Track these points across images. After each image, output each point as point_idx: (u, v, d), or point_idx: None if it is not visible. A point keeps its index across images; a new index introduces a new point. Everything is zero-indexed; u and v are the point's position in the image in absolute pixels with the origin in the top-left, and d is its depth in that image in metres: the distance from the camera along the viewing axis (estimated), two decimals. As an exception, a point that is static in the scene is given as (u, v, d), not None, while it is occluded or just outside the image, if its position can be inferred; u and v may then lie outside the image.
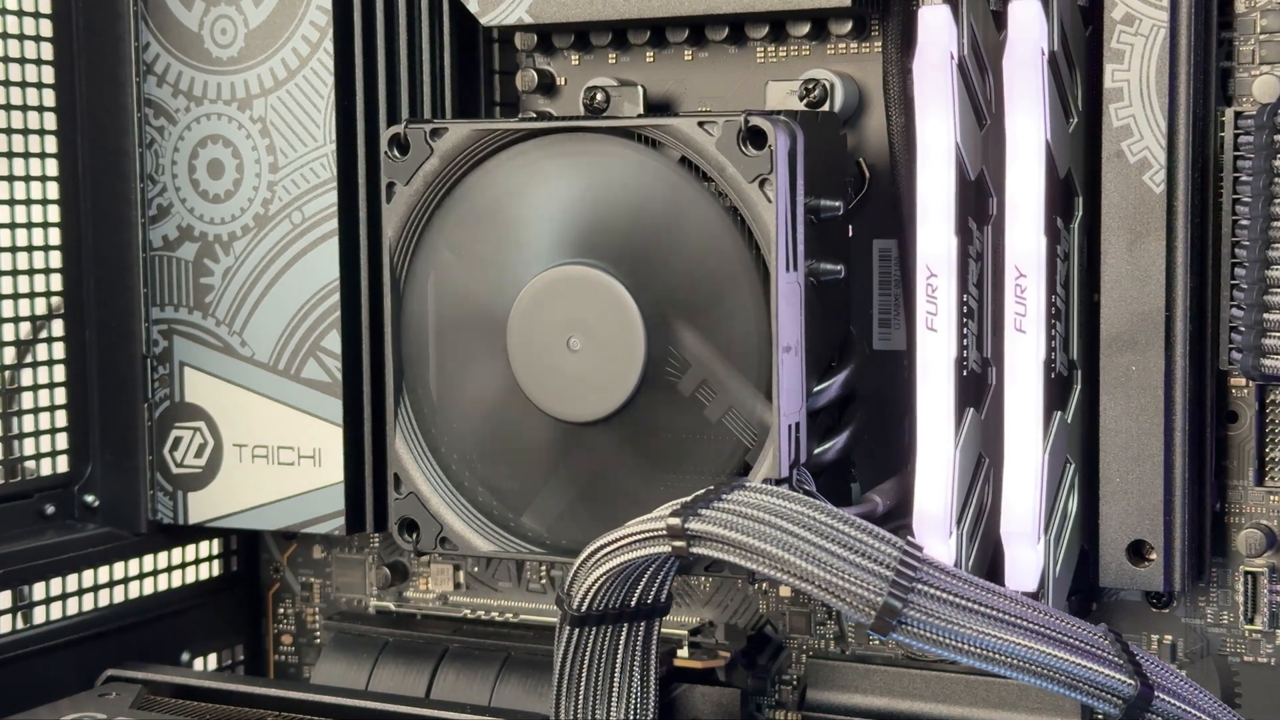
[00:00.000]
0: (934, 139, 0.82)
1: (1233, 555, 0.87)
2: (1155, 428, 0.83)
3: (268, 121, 0.98)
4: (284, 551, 1.11)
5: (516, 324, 0.86)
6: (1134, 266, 0.83)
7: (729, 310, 0.82)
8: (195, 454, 1.01)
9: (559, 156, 0.85)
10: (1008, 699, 0.90)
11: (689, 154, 0.82)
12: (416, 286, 0.89)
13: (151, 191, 1.01)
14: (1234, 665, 0.88)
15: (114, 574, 1.02)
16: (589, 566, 0.77)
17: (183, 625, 1.07)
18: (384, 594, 1.08)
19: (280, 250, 0.98)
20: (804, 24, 0.92)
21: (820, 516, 0.73)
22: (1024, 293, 0.81)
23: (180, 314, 1.01)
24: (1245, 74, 0.85)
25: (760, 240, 0.80)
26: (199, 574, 1.08)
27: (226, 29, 0.98)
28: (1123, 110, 0.83)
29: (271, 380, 0.99)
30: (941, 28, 0.81)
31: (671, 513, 0.74)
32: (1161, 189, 0.82)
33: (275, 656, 1.12)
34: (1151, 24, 0.82)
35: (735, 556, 0.72)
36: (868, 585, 0.70)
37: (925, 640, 0.70)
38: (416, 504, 0.89)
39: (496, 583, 1.05)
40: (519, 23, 0.94)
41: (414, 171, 0.87)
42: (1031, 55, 0.80)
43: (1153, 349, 0.83)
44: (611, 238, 0.84)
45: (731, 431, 0.83)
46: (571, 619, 0.79)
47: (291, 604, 1.11)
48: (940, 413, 0.83)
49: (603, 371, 0.84)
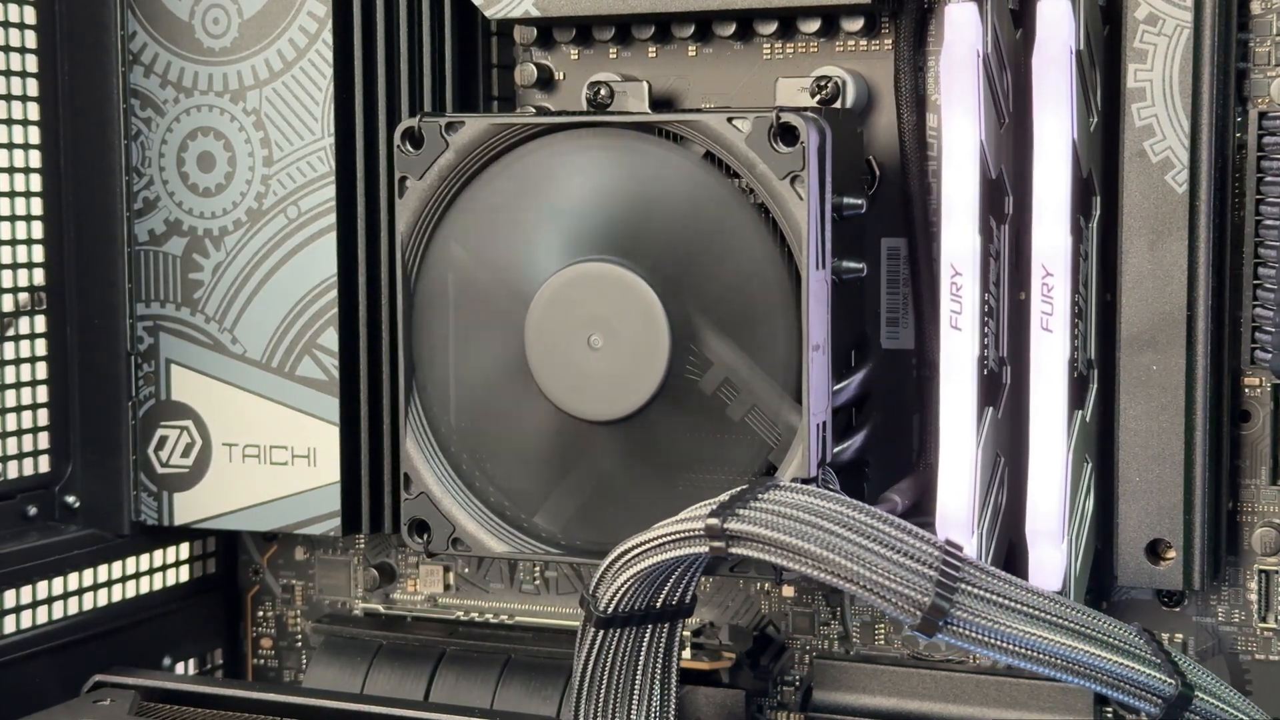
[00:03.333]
0: (960, 138, 0.81)
1: (1244, 554, 0.88)
2: (1176, 427, 0.83)
3: (262, 114, 0.96)
4: (264, 553, 1.09)
5: (535, 321, 0.84)
6: (1156, 266, 0.83)
7: (754, 308, 0.82)
8: (182, 453, 0.99)
9: (578, 152, 0.84)
10: (1018, 698, 0.90)
11: (716, 150, 0.81)
12: (428, 283, 0.87)
13: (137, 184, 0.98)
14: (1245, 663, 0.88)
15: (97, 577, 0.99)
16: (619, 567, 0.76)
17: (161, 629, 1.04)
18: (370, 596, 1.06)
19: (275, 245, 0.96)
20: (815, 21, 0.91)
21: (861, 516, 0.72)
22: (1050, 291, 0.81)
23: (167, 310, 0.98)
24: (1261, 75, 0.85)
25: (790, 238, 0.80)
26: (178, 577, 1.05)
27: (219, 19, 0.96)
28: (1145, 110, 0.83)
29: (264, 378, 0.97)
30: (969, 25, 0.81)
31: (710, 513, 0.73)
32: (1184, 189, 0.82)
33: (254, 660, 1.10)
34: (1175, 24, 0.82)
35: (777, 557, 0.71)
36: (914, 585, 0.69)
37: (971, 640, 0.70)
38: (428, 504, 0.87)
39: (488, 584, 1.03)
40: (525, 16, 0.92)
41: (428, 166, 0.85)
42: (1061, 54, 0.80)
43: (1174, 348, 0.83)
44: (633, 234, 0.83)
45: (754, 431, 0.82)
46: (598, 620, 0.77)
47: (272, 607, 1.09)
48: (964, 412, 0.82)
49: (625, 370, 0.83)
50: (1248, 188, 0.83)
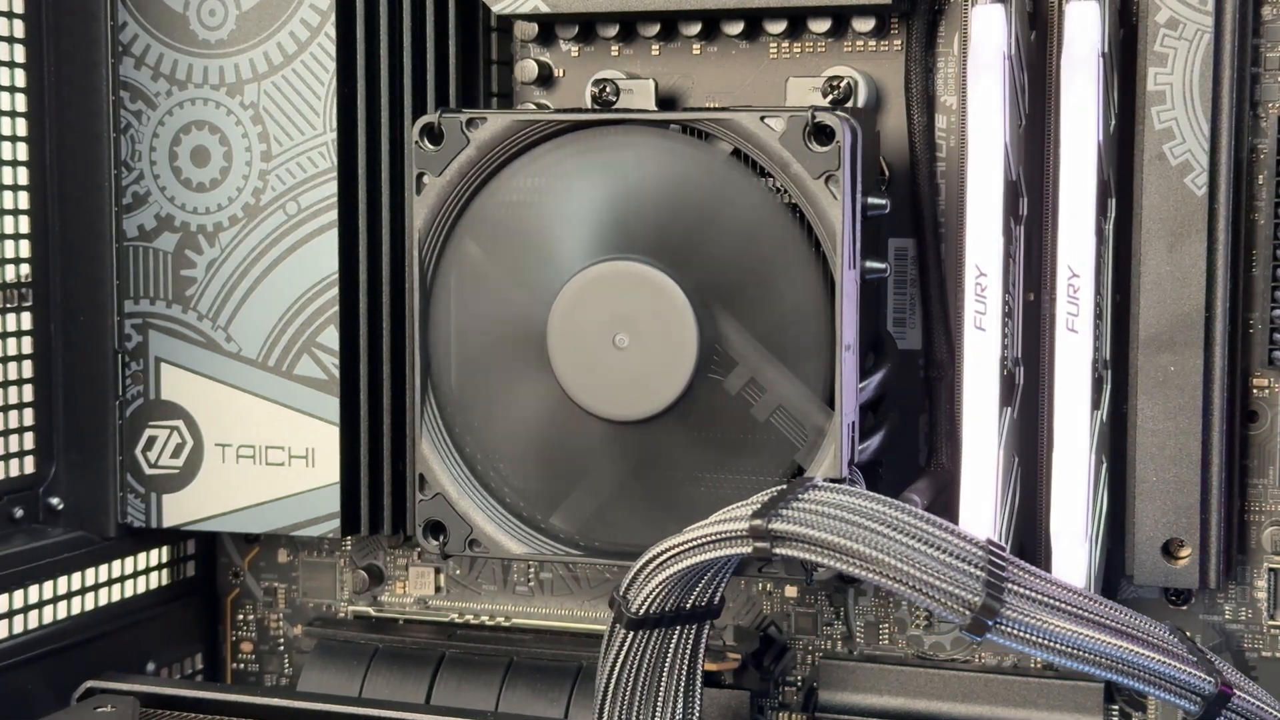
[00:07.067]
0: (986, 139, 0.81)
1: (1251, 552, 0.89)
2: (1193, 427, 0.84)
3: (260, 108, 0.94)
4: (246, 556, 1.07)
5: (558, 321, 0.83)
6: (1174, 268, 0.84)
7: (782, 308, 0.81)
8: (172, 454, 0.97)
9: (601, 149, 0.83)
10: (1027, 696, 0.91)
11: (747, 149, 0.80)
12: (445, 281, 0.86)
13: (126, 179, 0.96)
14: (1252, 660, 0.90)
15: (85, 580, 0.97)
16: (653, 569, 0.75)
17: (141, 634, 1.02)
18: (357, 598, 1.04)
19: (273, 242, 0.94)
20: (825, 20, 0.91)
21: (904, 516, 0.72)
22: (1077, 293, 0.81)
23: (157, 307, 0.96)
24: (1272, 80, 0.86)
25: (822, 237, 0.79)
26: (160, 580, 1.03)
27: (215, 10, 0.94)
28: (1165, 113, 0.84)
29: (260, 377, 0.95)
30: (995, 27, 0.81)
31: (753, 513, 0.73)
32: (1203, 191, 0.83)
33: (233, 665, 1.08)
34: (1196, 28, 0.83)
35: (823, 557, 0.71)
36: (964, 585, 0.69)
37: (1020, 640, 0.70)
38: (444, 505, 0.86)
39: (480, 586, 1.02)
40: (533, 12, 0.91)
41: (448, 162, 0.84)
42: (1089, 57, 0.80)
43: (1191, 349, 0.84)
44: (658, 232, 0.82)
45: (780, 431, 0.82)
46: (629, 621, 0.77)
47: (253, 610, 1.07)
48: (987, 412, 0.83)
49: (650, 370, 0.82)
50: (1268, 190, 0.84)
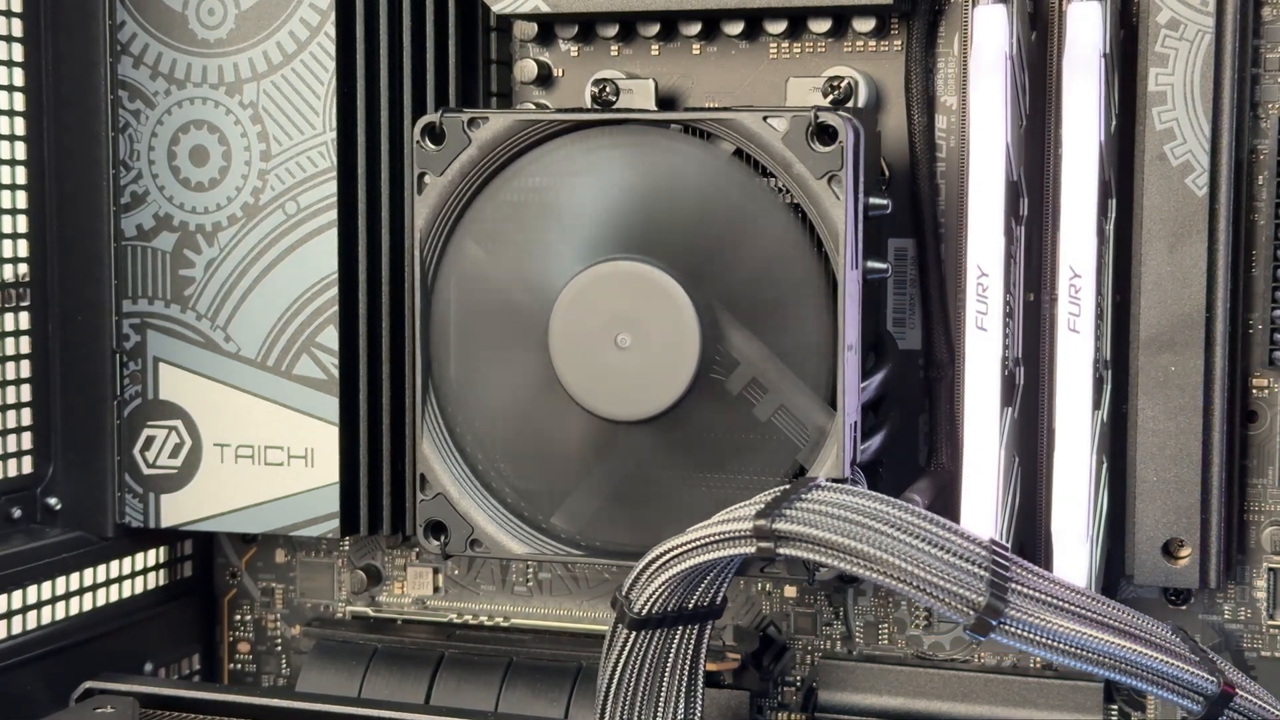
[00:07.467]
0: (988, 139, 0.82)
1: (1251, 552, 0.89)
2: (1193, 427, 0.84)
3: (260, 107, 0.94)
4: (243, 555, 1.07)
5: (560, 320, 0.83)
6: (1175, 268, 0.84)
7: (784, 308, 0.81)
8: (170, 454, 0.96)
9: (604, 149, 0.83)
10: (1027, 696, 0.91)
11: (750, 149, 0.80)
12: (446, 281, 0.86)
13: (125, 178, 0.96)
14: (1251, 660, 0.90)
15: (83, 581, 0.96)
16: (656, 569, 0.75)
17: (138, 635, 1.01)
18: (355, 599, 1.04)
19: (272, 242, 0.94)
20: (826, 20, 0.91)
21: (908, 516, 0.72)
22: (1079, 293, 0.81)
23: (155, 307, 0.96)
24: (1272, 81, 0.86)
25: (825, 237, 0.79)
26: (158, 580, 1.03)
27: (214, 9, 0.94)
28: (1166, 114, 0.84)
29: (259, 377, 0.95)
30: (998, 28, 0.81)
31: (757, 513, 0.72)
32: (1204, 192, 0.83)
33: (230, 665, 1.08)
34: (1197, 29, 0.83)
35: (827, 557, 0.71)
36: (968, 585, 0.69)
37: (1024, 640, 0.70)
38: (445, 505, 0.86)
39: (478, 586, 1.02)
40: (534, 11, 0.91)
41: (449, 162, 0.84)
42: (1092, 58, 0.80)
43: (1192, 350, 0.84)
44: (661, 233, 0.82)
45: (781, 431, 0.82)
46: (631, 622, 0.77)
47: (250, 610, 1.07)
48: (988, 412, 0.83)
49: (653, 370, 0.82)
50: (1268, 190, 0.85)
